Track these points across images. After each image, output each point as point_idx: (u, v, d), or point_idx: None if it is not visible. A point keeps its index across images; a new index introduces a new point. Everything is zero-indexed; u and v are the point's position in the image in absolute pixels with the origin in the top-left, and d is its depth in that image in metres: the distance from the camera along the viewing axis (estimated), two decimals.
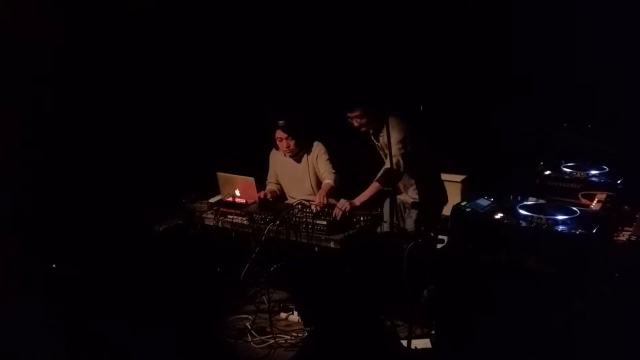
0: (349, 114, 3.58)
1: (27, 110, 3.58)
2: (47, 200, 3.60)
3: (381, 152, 3.81)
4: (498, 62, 3.89)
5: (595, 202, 2.63)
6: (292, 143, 3.86)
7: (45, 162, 3.66)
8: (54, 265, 3.63)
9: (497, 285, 2.27)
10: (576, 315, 2.05)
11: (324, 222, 3.33)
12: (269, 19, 4.60)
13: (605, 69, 3.47)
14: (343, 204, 3.47)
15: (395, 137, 3.44)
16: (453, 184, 4.44)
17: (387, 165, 3.56)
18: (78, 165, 3.80)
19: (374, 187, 3.66)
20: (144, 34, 4.02)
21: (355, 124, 3.60)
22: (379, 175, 3.67)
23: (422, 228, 3.36)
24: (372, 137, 3.78)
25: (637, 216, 2.43)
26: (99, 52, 3.87)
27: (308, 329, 3.57)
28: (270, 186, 4.19)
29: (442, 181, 3.92)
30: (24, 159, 3.58)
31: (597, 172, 2.90)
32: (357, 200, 3.58)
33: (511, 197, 2.64)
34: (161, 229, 3.75)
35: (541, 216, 2.30)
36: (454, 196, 4.40)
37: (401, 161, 3.52)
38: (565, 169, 2.96)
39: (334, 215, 3.42)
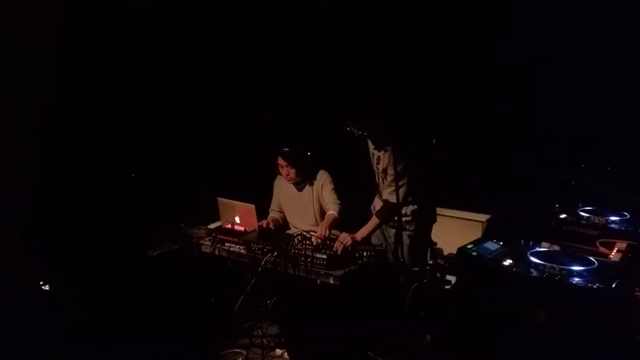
0: (350, 122, 3.40)
1: (26, 115, 3.53)
2: (52, 203, 3.51)
3: (377, 176, 3.64)
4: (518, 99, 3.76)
5: (615, 251, 2.43)
6: (292, 171, 3.75)
7: (53, 162, 3.62)
8: (45, 287, 3.54)
9: (503, 338, 2.07)
10: None
11: (324, 256, 3.16)
12: (277, 36, 4.52)
13: (628, 107, 3.31)
14: (344, 238, 3.32)
15: (397, 166, 3.30)
16: (475, 224, 4.26)
17: (389, 197, 3.42)
18: (74, 180, 3.73)
19: (374, 221, 3.52)
20: (146, 40, 3.96)
21: (356, 134, 3.45)
22: (378, 209, 3.53)
23: (428, 267, 3.19)
24: (371, 153, 3.62)
25: None
26: (99, 58, 3.83)
27: None
28: (273, 214, 4.06)
29: (434, 211, 3.76)
30: (23, 163, 3.52)
31: (617, 218, 2.70)
32: (359, 235, 3.43)
33: (522, 241, 2.44)
34: (155, 253, 3.61)
35: (554, 265, 2.10)
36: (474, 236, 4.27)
37: (401, 195, 3.35)
38: (582, 213, 2.77)
39: (334, 249, 3.26)
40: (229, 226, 3.74)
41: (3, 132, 3.41)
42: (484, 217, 4.25)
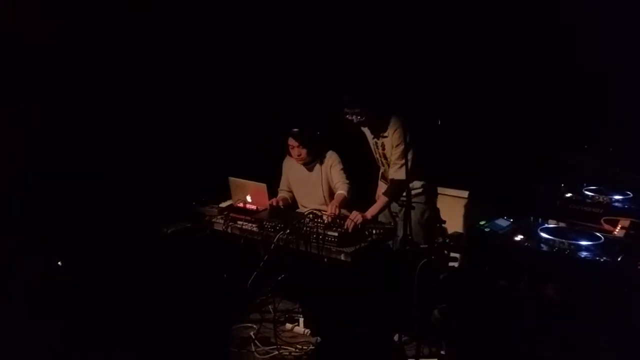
0: (346, 109, 3.48)
1: (29, 111, 3.57)
2: (54, 201, 3.56)
3: (380, 160, 3.73)
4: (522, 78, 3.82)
5: (618, 228, 2.54)
6: (303, 152, 3.81)
7: (53, 161, 3.63)
8: (59, 263, 3.61)
9: (513, 312, 2.18)
10: (601, 351, 1.95)
11: (335, 234, 3.25)
12: (278, 21, 4.56)
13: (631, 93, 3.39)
14: (355, 216, 3.40)
15: (400, 146, 3.40)
16: (458, 200, 4.36)
17: (395, 175, 3.51)
18: (85, 166, 3.78)
19: (382, 200, 3.61)
20: (150, 36, 3.99)
21: (355, 121, 3.52)
22: (386, 189, 3.62)
23: (436, 244, 3.28)
24: (372, 142, 3.71)
25: None
26: (103, 52, 3.85)
27: (314, 339, 3.50)
28: (282, 194, 4.14)
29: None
30: (26, 159, 3.56)
31: (621, 197, 2.81)
32: (368, 214, 3.52)
33: (531, 218, 2.55)
34: (169, 231, 3.70)
35: (563, 240, 2.21)
36: (458, 212, 4.37)
37: (405, 170, 3.44)
38: (587, 192, 2.87)
39: (345, 227, 3.35)
40: (241, 205, 3.81)
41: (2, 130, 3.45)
42: (465, 193, 4.36)
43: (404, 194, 3.24)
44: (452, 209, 4.39)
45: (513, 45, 3.70)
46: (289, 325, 3.75)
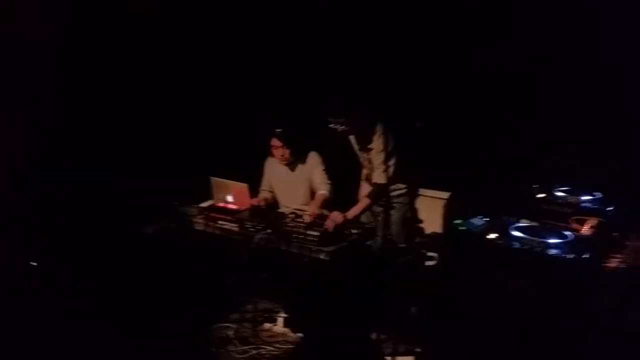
0: (330, 119, 3.55)
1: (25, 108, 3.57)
2: (38, 199, 3.55)
3: (365, 163, 3.81)
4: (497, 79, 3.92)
5: (586, 227, 2.65)
6: (287, 152, 3.86)
7: (34, 163, 3.63)
8: (33, 264, 3.59)
9: (487, 307, 2.26)
10: (566, 342, 2.05)
11: (316, 233, 3.30)
12: (267, 20, 4.60)
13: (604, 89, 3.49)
14: (336, 216, 3.47)
15: (383, 151, 3.49)
16: (438, 201, 4.44)
17: (379, 179, 3.59)
18: (71, 164, 3.77)
19: (365, 202, 3.68)
20: (143, 36, 4.01)
21: (339, 130, 3.60)
22: (369, 191, 3.69)
23: (414, 245, 3.37)
24: (357, 149, 3.78)
25: (626, 244, 2.44)
26: (96, 50, 3.87)
27: (294, 336, 3.55)
28: (264, 194, 4.17)
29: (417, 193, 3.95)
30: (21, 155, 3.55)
31: (589, 197, 2.93)
32: (350, 214, 3.59)
33: (505, 217, 2.65)
34: (150, 230, 3.70)
35: (534, 238, 2.31)
36: (437, 213, 4.44)
37: (390, 174, 3.54)
38: (558, 193, 2.99)
39: (325, 226, 3.41)
40: (222, 205, 3.83)
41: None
42: (446, 195, 4.44)
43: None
44: (431, 210, 4.47)
45: (512, 46, 3.77)
46: (268, 325, 3.78)
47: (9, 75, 3.43)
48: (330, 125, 3.54)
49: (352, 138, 3.78)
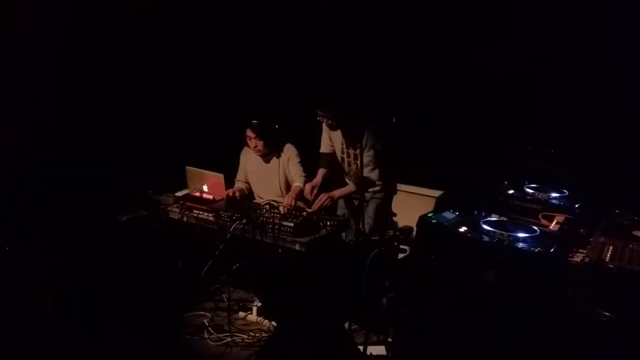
0: (319, 112, 3.60)
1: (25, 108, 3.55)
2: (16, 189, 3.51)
3: (346, 160, 3.84)
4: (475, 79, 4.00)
5: (554, 223, 2.74)
6: (260, 143, 3.88)
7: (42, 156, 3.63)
8: (7, 248, 3.54)
9: (456, 298, 2.32)
10: (531, 331, 2.12)
11: (291, 224, 3.34)
12: (251, 14, 4.60)
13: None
14: (323, 197, 3.55)
15: (372, 149, 3.55)
16: (429, 199, 4.53)
17: (370, 175, 3.65)
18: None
19: (350, 187, 3.76)
20: (135, 34, 3.99)
21: (326, 124, 3.64)
22: (357, 181, 3.75)
23: (387, 236, 3.42)
24: (341, 146, 3.81)
25: (590, 239, 2.53)
26: (96, 50, 3.89)
27: (268, 328, 3.58)
28: (239, 184, 4.19)
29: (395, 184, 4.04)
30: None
31: (558, 195, 3.02)
32: (336, 194, 3.67)
33: (476, 212, 2.72)
34: (124, 218, 3.68)
35: (503, 232, 2.38)
36: (411, 207, 4.50)
37: (379, 172, 3.61)
38: (528, 190, 3.07)
39: (312, 207, 3.49)
40: (198, 194, 3.84)
41: None
42: (437, 193, 4.54)
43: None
44: (405, 204, 4.55)
45: (511, 45, 3.80)
46: (242, 314, 3.81)
47: (9, 75, 3.41)
48: (317, 118, 3.59)
49: (336, 134, 3.80)
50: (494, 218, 2.62)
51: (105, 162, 3.97)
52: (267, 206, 3.48)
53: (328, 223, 3.52)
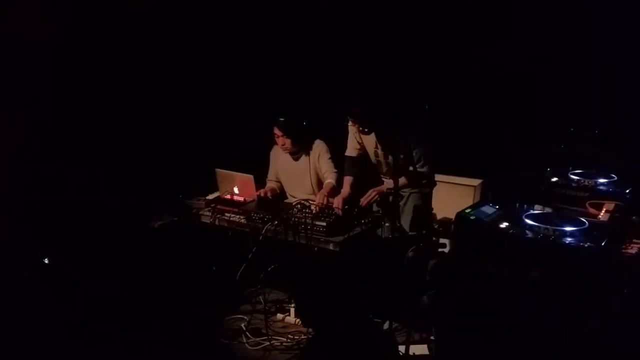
0: (349, 118, 3.49)
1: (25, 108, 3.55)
2: (43, 195, 3.54)
3: (382, 160, 3.70)
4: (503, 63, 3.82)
5: (603, 211, 2.56)
6: (287, 141, 3.80)
7: (42, 157, 3.61)
8: (45, 260, 3.58)
9: (499, 297, 2.19)
10: (583, 332, 1.97)
11: (324, 224, 3.24)
12: (268, 12, 4.52)
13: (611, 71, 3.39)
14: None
15: (418, 146, 3.43)
16: (468, 188, 4.37)
17: (422, 169, 3.52)
18: (75, 160, 3.75)
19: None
20: (143, 32, 3.96)
21: (357, 129, 3.51)
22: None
23: (424, 231, 3.30)
24: (375, 148, 3.68)
25: None
26: (96, 50, 3.83)
27: (306, 330, 3.51)
28: (271, 184, 4.12)
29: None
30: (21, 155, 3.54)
31: (606, 180, 2.82)
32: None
33: (517, 205, 2.55)
34: (156, 225, 3.67)
35: (548, 227, 2.21)
36: (451, 199, 4.38)
37: (428, 167, 3.51)
38: (572, 177, 2.88)
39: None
40: (228, 197, 3.79)
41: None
42: (476, 182, 4.37)
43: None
44: (443, 195, 4.40)
45: (512, 43, 3.71)
46: (280, 316, 3.76)
47: (9, 75, 3.40)
48: (348, 124, 3.48)
49: (368, 138, 3.65)
50: (537, 211, 2.45)
51: (133, 169, 3.95)
52: (299, 206, 3.40)
53: (362, 220, 3.41)
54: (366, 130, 3.49)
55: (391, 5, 4.06)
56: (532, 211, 2.45)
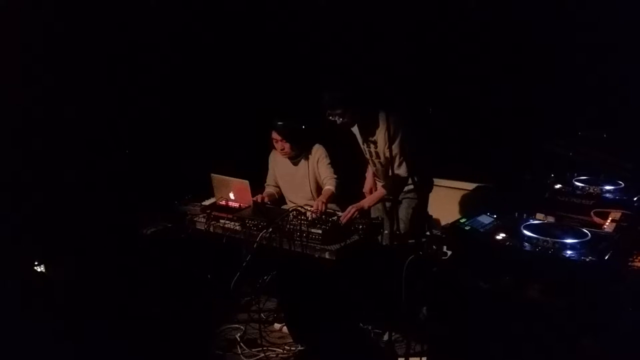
0: (329, 112, 3.36)
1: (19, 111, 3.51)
2: (32, 200, 3.49)
3: (371, 160, 3.60)
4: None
5: (609, 221, 2.40)
6: (287, 146, 3.70)
7: (36, 162, 3.58)
8: (35, 265, 3.54)
9: (495, 314, 2.06)
10: (583, 353, 1.83)
11: (319, 231, 3.13)
12: (263, 15, 4.44)
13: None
14: (350, 210, 3.31)
15: (394, 143, 3.26)
16: (454, 191, 4.27)
17: (398, 171, 3.39)
18: (67, 165, 3.71)
19: (380, 193, 3.53)
20: (142, 35, 3.91)
21: (338, 122, 3.39)
22: (385, 183, 3.53)
23: (424, 240, 3.17)
24: (361, 142, 3.58)
25: None
26: (94, 51, 3.81)
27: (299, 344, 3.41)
28: (269, 189, 4.04)
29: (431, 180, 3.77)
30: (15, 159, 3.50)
31: (612, 187, 2.67)
32: (365, 203, 3.43)
33: (516, 214, 2.41)
34: (149, 232, 3.59)
35: (547, 239, 2.07)
36: (453, 204, 4.27)
37: (405, 166, 3.34)
38: (577, 183, 2.73)
39: (340, 220, 3.26)
40: (223, 203, 3.70)
41: None
42: (479, 187, 4.24)
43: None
44: (447, 200, 4.29)
45: (512, 33, 3.58)
46: (277, 325, 3.67)
47: (8, 75, 3.37)
48: (329, 118, 3.36)
49: (355, 131, 3.57)
50: (536, 221, 2.31)
51: (127, 175, 3.88)
52: (294, 212, 3.29)
53: (360, 227, 3.30)
54: (345, 121, 3.37)
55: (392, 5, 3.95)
56: (531, 221, 2.30)
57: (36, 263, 3.59)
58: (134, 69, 3.97)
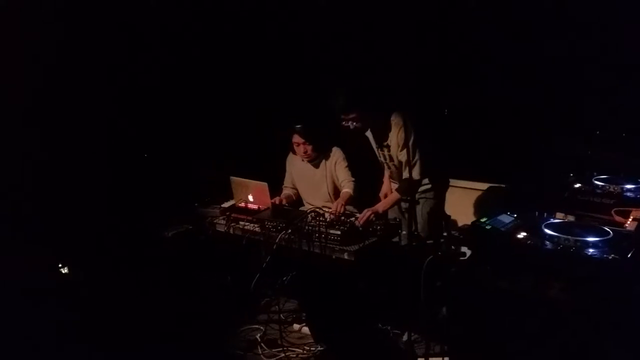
0: (343, 117, 3.38)
1: (31, 111, 3.57)
2: (54, 203, 3.55)
3: (386, 163, 3.62)
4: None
5: (630, 220, 2.40)
6: (309, 148, 3.72)
7: (52, 164, 3.63)
8: (60, 267, 3.60)
9: (516, 315, 2.06)
10: (606, 353, 1.84)
11: (338, 232, 3.16)
12: (278, 16, 4.47)
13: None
14: (366, 212, 3.32)
15: (407, 145, 3.28)
16: (472, 192, 4.27)
17: (412, 174, 3.40)
18: (86, 167, 3.77)
19: (394, 197, 3.54)
20: (154, 37, 3.95)
21: (351, 127, 3.41)
22: (400, 185, 3.53)
23: (442, 240, 3.18)
24: (375, 147, 3.59)
25: None
26: (106, 54, 3.86)
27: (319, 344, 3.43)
28: (287, 191, 4.06)
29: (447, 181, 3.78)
30: (29, 160, 3.55)
31: (633, 186, 2.65)
32: (380, 207, 3.43)
33: (537, 213, 2.41)
34: (170, 234, 3.65)
35: (569, 237, 2.07)
36: (471, 204, 4.26)
37: (419, 168, 3.35)
38: (597, 182, 2.72)
39: (357, 223, 3.27)
40: (243, 205, 3.74)
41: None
42: (484, 186, 4.24)
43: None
44: (464, 201, 4.28)
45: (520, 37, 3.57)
46: (296, 326, 3.69)
47: (9, 75, 3.42)
48: (342, 123, 3.39)
49: (369, 135, 3.59)
50: (557, 220, 2.31)
51: (146, 179, 3.94)
52: (312, 214, 3.32)
53: (378, 227, 3.32)
54: (358, 125, 3.38)
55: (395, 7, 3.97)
56: (552, 220, 2.31)
57: (60, 265, 3.65)
58: (134, 70, 4.00)
